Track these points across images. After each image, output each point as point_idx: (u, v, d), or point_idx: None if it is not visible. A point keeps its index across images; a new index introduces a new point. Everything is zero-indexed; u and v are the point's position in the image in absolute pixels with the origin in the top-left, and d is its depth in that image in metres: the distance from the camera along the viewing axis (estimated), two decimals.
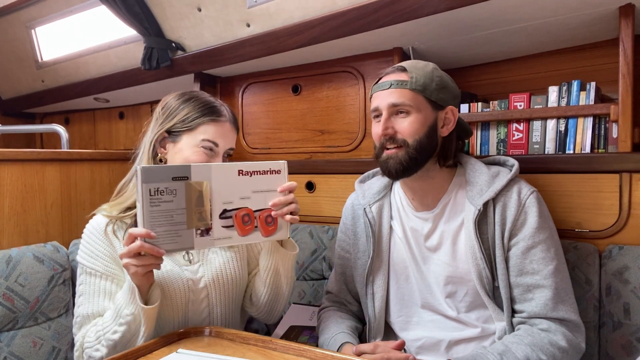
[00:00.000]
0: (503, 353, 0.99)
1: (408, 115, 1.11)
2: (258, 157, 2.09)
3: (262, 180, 1.03)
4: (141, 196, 0.92)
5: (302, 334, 1.42)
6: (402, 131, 1.11)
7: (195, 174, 0.97)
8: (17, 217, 1.49)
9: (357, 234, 1.28)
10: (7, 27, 2.56)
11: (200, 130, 1.14)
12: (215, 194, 0.98)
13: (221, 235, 0.97)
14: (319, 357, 0.94)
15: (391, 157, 1.12)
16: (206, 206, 0.97)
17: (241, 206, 1.00)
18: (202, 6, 1.82)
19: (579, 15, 1.34)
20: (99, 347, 1.03)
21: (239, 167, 1.02)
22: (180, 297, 1.13)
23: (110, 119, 2.89)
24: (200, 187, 0.97)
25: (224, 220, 0.98)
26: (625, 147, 1.28)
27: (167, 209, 0.94)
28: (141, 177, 0.91)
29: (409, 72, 1.12)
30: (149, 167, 0.95)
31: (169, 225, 0.94)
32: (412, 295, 1.20)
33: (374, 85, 1.17)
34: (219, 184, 0.99)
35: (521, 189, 1.11)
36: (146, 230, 0.92)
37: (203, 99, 1.18)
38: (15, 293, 1.29)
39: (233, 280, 1.21)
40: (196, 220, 0.96)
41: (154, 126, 1.19)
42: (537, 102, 1.46)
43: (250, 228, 0.99)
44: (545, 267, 1.05)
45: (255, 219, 1.00)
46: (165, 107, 1.18)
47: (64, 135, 2.10)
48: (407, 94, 1.11)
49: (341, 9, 1.53)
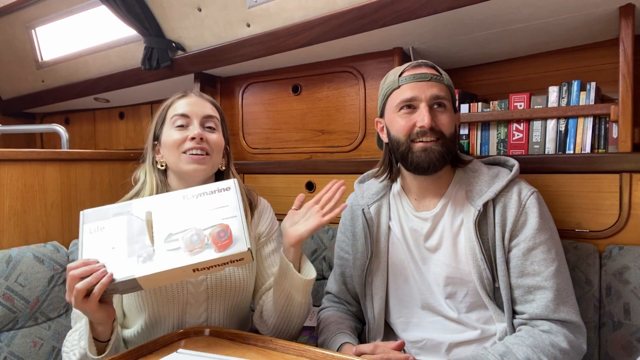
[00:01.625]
0: (504, 354, 0.99)
1: (446, 109, 1.13)
2: (258, 157, 2.09)
3: (211, 199, 1.00)
4: (81, 235, 0.97)
5: (302, 334, 1.42)
6: (442, 124, 1.11)
7: (136, 208, 0.99)
8: (17, 217, 1.49)
9: (356, 235, 1.28)
10: (7, 27, 2.56)
11: (169, 114, 1.18)
12: (158, 222, 0.97)
13: (166, 259, 0.93)
14: (319, 357, 0.94)
15: (429, 148, 1.10)
16: (149, 234, 0.96)
17: (188, 227, 0.96)
18: (202, 6, 1.82)
19: (579, 15, 1.34)
20: (71, 357, 1.03)
21: (183, 193, 1.01)
22: (178, 298, 1.13)
23: (110, 119, 2.88)
24: (142, 217, 0.98)
25: (169, 244, 0.94)
26: (625, 147, 1.28)
27: (107, 242, 0.95)
28: (82, 219, 0.98)
29: (436, 69, 1.15)
30: (90, 210, 1.00)
31: (108, 257, 0.93)
32: (411, 296, 1.20)
33: (401, 76, 1.14)
34: (163, 212, 0.99)
35: (521, 189, 1.11)
36: (83, 260, 0.92)
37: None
38: (15, 293, 1.29)
39: (236, 288, 1.18)
40: (137, 249, 0.94)
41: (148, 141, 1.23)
42: (537, 102, 1.45)
43: (200, 246, 0.94)
44: (547, 269, 1.05)
45: (205, 237, 0.95)
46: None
47: (64, 135, 2.10)
48: (444, 88, 1.13)
49: (341, 9, 1.53)
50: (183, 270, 0.93)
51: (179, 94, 1.22)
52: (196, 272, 0.94)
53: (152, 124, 1.22)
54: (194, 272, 0.94)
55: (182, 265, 0.92)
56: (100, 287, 0.89)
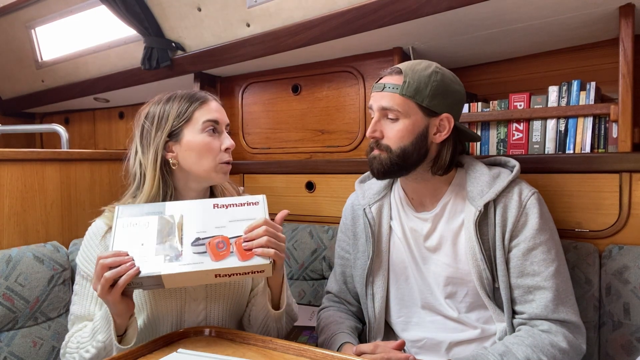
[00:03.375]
0: (504, 354, 0.99)
1: (396, 120, 1.11)
2: (258, 157, 2.09)
3: (240, 211, 1.04)
4: (114, 229, 1.00)
5: (302, 333, 1.42)
6: (388, 137, 1.11)
7: (169, 209, 1.04)
8: (17, 217, 1.49)
9: (357, 235, 1.28)
10: (7, 27, 2.56)
11: (196, 116, 1.15)
12: (188, 225, 1.02)
13: (192, 261, 0.97)
14: (319, 357, 0.94)
15: (375, 157, 1.13)
16: (178, 236, 1.00)
17: (216, 234, 1.01)
18: (202, 6, 1.82)
19: (579, 15, 1.34)
20: (76, 357, 1.04)
21: (215, 202, 1.05)
22: (177, 297, 1.13)
23: (110, 118, 2.88)
24: (173, 219, 1.02)
25: (196, 247, 0.99)
26: (625, 147, 1.28)
27: (138, 238, 0.99)
28: (117, 214, 1.02)
29: (404, 75, 1.10)
30: (125, 206, 1.05)
31: (137, 252, 0.97)
32: (412, 296, 1.20)
33: (374, 83, 1.17)
34: (193, 216, 1.03)
35: (522, 190, 1.11)
36: (114, 251, 0.95)
37: (183, 92, 1.19)
38: (15, 293, 1.29)
39: (234, 287, 1.19)
40: (166, 248, 0.98)
41: (148, 140, 1.16)
42: (537, 102, 1.45)
43: (226, 253, 0.99)
44: (546, 269, 1.05)
45: (232, 245, 1.00)
46: (150, 117, 1.16)
47: (64, 135, 2.10)
48: (397, 99, 1.09)
49: (341, 9, 1.53)
50: (206, 273, 0.97)
51: (198, 95, 1.18)
52: (217, 277, 0.98)
53: (165, 121, 1.15)
54: (215, 277, 0.98)
55: (206, 269, 0.96)
56: (126, 278, 0.92)
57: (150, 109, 1.18)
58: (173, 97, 1.18)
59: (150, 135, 1.15)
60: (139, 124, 1.18)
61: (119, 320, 0.98)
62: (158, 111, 1.16)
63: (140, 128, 1.17)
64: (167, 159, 1.15)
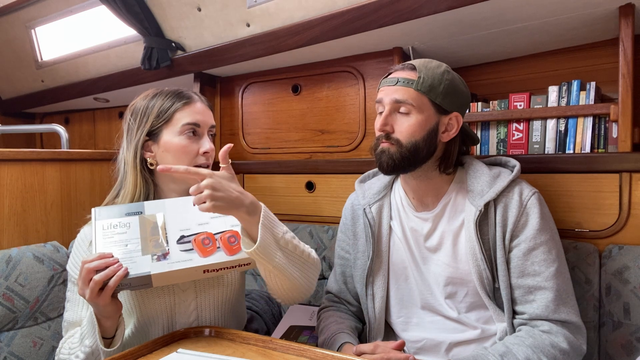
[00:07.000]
0: (504, 354, 0.99)
1: (409, 115, 1.10)
2: (258, 157, 2.09)
3: None
4: (94, 232, 1.00)
5: (302, 334, 1.42)
6: (399, 130, 1.11)
7: (148, 209, 1.04)
8: (17, 217, 1.49)
9: (357, 235, 1.28)
10: (7, 27, 2.56)
11: (176, 117, 1.13)
12: (171, 223, 1.02)
13: (180, 258, 0.99)
14: (319, 357, 0.94)
15: (384, 150, 1.12)
16: (162, 235, 1.01)
17: (199, 231, 1.02)
18: (202, 6, 1.82)
19: (578, 15, 1.34)
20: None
21: (194, 199, 1.03)
22: (167, 297, 1.12)
23: (110, 118, 2.88)
24: (154, 219, 1.03)
25: (182, 245, 1.00)
26: (625, 147, 1.28)
27: (121, 239, 0.99)
28: (95, 216, 1.02)
29: (418, 71, 1.11)
30: (102, 207, 1.04)
31: (122, 254, 0.97)
32: (411, 296, 1.20)
33: (383, 79, 1.17)
34: (175, 214, 1.03)
35: (522, 190, 1.11)
36: (99, 253, 0.95)
37: (169, 90, 1.18)
38: (15, 293, 1.29)
39: (223, 281, 1.18)
40: (152, 247, 0.99)
41: (130, 137, 1.15)
42: (537, 102, 1.45)
43: (213, 249, 1.01)
44: (547, 269, 1.05)
45: (217, 240, 1.02)
46: (135, 113, 1.16)
47: (64, 135, 2.10)
48: (412, 92, 1.10)
49: (341, 9, 1.53)
50: (195, 270, 0.99)
51: (182, 95, 1.16)
52: (206, 272, 1.00)
53: (145, 119, 1.14)
54: (204, 272, 1.00)
55: (195, 266, 0.98)
56: (115, 280, 0.92)
57: (137, 104, 1.17)
58: (159, 93, 1.17)
59: (132, 132, 1.15)
60: (126, 119, 1.18)
61: (109, 322, 0.98)
62: (142, 107, 1.16)
63: (127, 124, 1.17)
64: (144, 159, 1.15)
